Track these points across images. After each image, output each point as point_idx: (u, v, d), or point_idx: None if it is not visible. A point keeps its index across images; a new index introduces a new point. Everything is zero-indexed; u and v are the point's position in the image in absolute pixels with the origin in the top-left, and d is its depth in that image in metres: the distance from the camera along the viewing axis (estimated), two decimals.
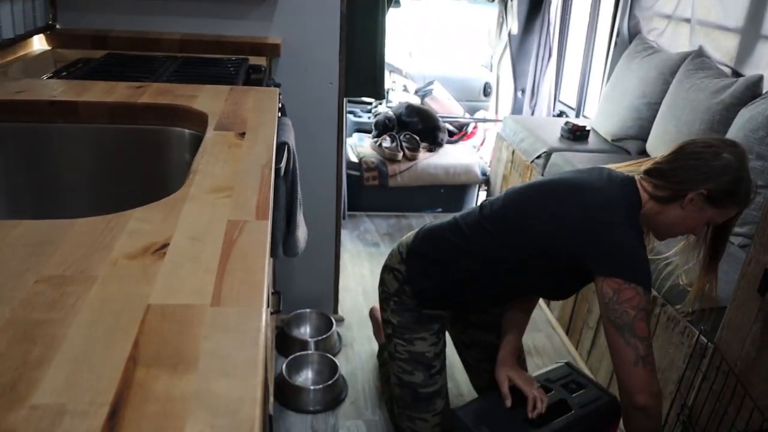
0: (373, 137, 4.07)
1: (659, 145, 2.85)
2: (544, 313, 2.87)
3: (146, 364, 0.57)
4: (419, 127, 4.04)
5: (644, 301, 1.47)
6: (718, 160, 1.50)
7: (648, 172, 1.60)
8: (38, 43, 1.92)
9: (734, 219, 1.59)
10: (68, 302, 0.65)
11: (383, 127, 4.05)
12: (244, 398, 0.53)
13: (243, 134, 1.23)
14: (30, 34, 1.84)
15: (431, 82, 4.84)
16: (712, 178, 1.50)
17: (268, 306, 1.43)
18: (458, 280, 1.74)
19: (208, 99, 1.46)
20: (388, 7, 2.62)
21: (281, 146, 1.53)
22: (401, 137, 3.94)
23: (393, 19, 4.07)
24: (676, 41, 3.17)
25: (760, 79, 2.41)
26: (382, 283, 1.87)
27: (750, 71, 2.58)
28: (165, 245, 0.78)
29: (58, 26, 2.05)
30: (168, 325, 0.62)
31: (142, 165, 1.43)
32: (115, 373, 0.56)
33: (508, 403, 1.70)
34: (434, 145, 4.04)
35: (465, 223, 1.73)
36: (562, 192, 1.62)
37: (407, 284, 1.78)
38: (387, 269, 1.85)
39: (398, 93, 4.71)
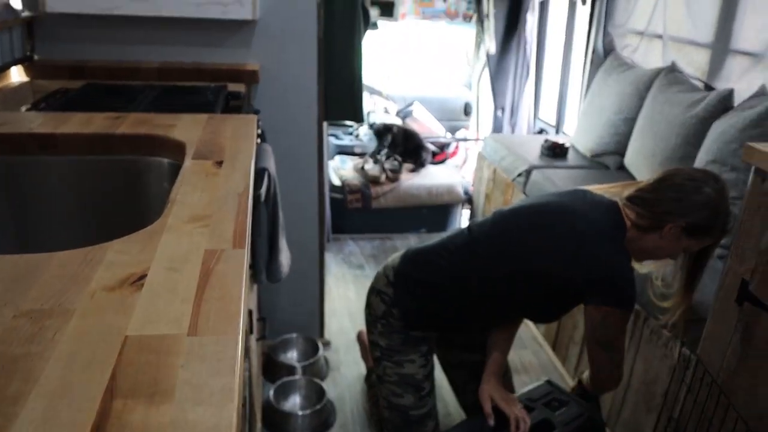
0: (377, 146, 4.15)
1: (637, 158, 2.89)
2: (531, 330, 2.88)
3: (123, 395, 0.57)
4: (402, 148, 4.08)
5: (628, 320, 1.60)
6: (698, 194, 1.54)
7: (630, 199, 1.64)
8: (17, 75, 1.93)
9: (712, 248, 1.65)
10: (46, 336, 0.66)
11: (384, 129, 4.12)
12: (220, 426, 0.54)
13: (220, 163, 1.24)
14: (8, 66, 1.85)
15: (411, 103, 4.88)
16: (691, 212, 1.55)
17: (251, 332, 1.42)
18: (446, 301, 1.74)
19: (186, 128, 1.47)
20: (365, 29, 2.65)
21: (261, 173, 1.54)
22: (384, 158, 3.97)
23: (372, 41, 4.11)
24: (650, 57, 3.22)
25: (731, 92, 2.45)
26: (369, 306, 1.86)
27: (721, 85, 2.63)
28: (143, 276, 0.78)
29: (36, 57, 2.06)
30: (145, 356, 0.63)
31: (122, 195, 1.43)
32: (92, 406, 0.56)
33: (491, 422, 1.71)
34: (418, 165, 4.07)
35: (453, 245, 1.74)
36: (549, 217, 1.67)
37: (394, 306, 1.77)
38: (373, 292, 1.85)
39: (379, 114, 4.74)
